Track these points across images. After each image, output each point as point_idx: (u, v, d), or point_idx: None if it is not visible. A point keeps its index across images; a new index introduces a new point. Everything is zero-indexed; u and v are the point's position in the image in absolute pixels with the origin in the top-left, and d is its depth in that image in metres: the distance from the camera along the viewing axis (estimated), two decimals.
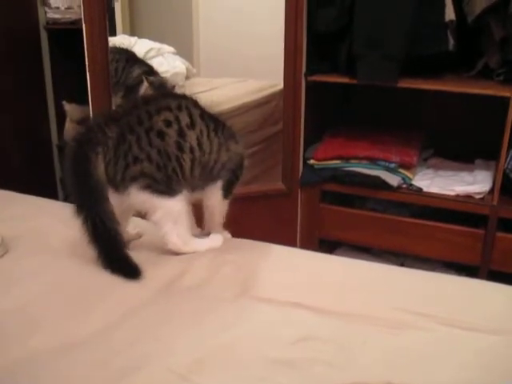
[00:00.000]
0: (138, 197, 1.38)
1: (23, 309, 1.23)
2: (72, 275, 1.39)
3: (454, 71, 2.44)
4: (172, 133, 1.38)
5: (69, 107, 3.20)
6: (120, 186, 1.37)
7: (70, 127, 3.25)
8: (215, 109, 1.56)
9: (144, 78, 2.76)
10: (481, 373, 1.05)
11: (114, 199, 1.38)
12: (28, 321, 1.19)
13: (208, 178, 1.51)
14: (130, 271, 1.36)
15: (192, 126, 1.42)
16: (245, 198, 2.48)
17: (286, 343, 1.12)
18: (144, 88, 2.75)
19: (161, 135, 1.37)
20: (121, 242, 1.38)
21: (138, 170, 1.36)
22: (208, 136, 1.45)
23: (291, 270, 1.46)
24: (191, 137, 1.41)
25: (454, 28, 2.28)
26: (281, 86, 2.46)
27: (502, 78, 2.28)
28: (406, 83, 2.26)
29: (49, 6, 3.04)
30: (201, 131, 1.43)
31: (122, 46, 3.15)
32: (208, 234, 1.61)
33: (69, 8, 3.02)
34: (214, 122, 1.49)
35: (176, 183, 1.40)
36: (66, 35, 2.96)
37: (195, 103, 1.48)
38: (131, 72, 2.79)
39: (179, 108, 1.42)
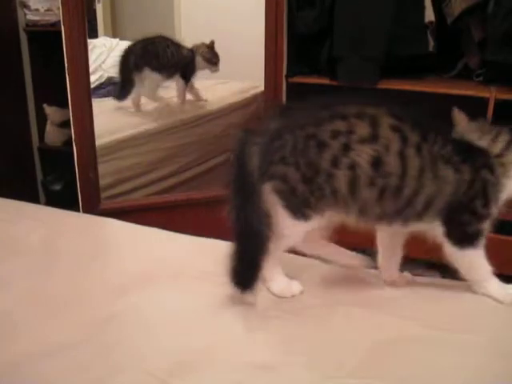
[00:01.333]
0: (269, 196, 1.22)
1: (2, 314, 1.22)
2: (52, 280, 1.38)
3: (433, 72, 2.45)
4: (335, 145, 1.15)
5: (49, 110, 3.18)
6: (259, 179, 1.21)
7: (51, 130, 3.23)
8: (197, 111, 1.51)
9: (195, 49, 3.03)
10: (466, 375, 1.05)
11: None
12: (7, 326, 1.18)
13: (403, 210, 1.22)
14: (244, 283, 1.23)
15: (372, 138, 1.15)
16: (224, 201, 2.48)
17: (264, 346, 1.12)
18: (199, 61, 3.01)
19: (321, 146, 1.16)
20: (258, 248, 1.22)
21: (280, 172, 1.19)
22: (400, 153, 1.15)
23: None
24: (361, 152, 1.14)
25: (434, 29, 2.29)
26: (263, 86, 2.47)
27: (481, 78, 2.29)
28: (386, 84, 2.27)
29: (28, 8, 3.02)
30: (385, 147, 1.14)
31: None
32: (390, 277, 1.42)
33: (48, 10, 3.00)
34: (424, 135, 1.20)
35: (315, 204, 1.19)
36: (45, 37, 2.93)
37: (392, 112, 1.20)
38: (181, 53, 3.03)
39: (359, 116, 1.17)
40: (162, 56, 2.99)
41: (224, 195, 1.25)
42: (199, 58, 3.00)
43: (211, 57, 2.97)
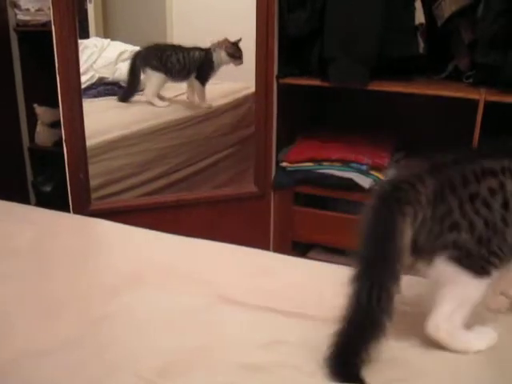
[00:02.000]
0: (442, 268, 1.12)
1: None
2: (43, 280, 1.37)
3: (424, 74, 2.46)
4: (496, 204, 1.11)
5: (40, 110, 3.17)
6: (424, 252, 1.12)
7: (41, 130, 3.21)
8: (188, 112, 1.47)
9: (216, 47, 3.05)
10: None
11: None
12: (0, 326, 1.17)
13: None
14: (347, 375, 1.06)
15: None
16: (218, 201, 2.48)
17: (255, 347, 1.12)
18: (220, 56, 3.03)
19: (486, 204, 1.10)
20: (374, 336, 1.07)
21: (452, 239, 1.10)
22: None
23: (263, 273, 1.46)
24: None
25: (424, 31, 2.30)
26: (254, 88, 2.47)
27: (471, 80, 2.30)
28: (377, 86, 2.28)
29: (19, 7, 3.00)
30: None
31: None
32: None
33: (39, 10, 2.98)
34: None
35: (494, 263, 1.12)
36: (36, 37, 2.92)
37: None
38: (192, 56, 3.06)
39: (503, 172, 1.13)
40: (165, 58, 3.05)
41: (215, 197, 1.24)
42: (223, 53, 3.04)
43: (234, 51, 3.01)
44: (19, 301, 1.27)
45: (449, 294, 1.13)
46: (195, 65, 3.07)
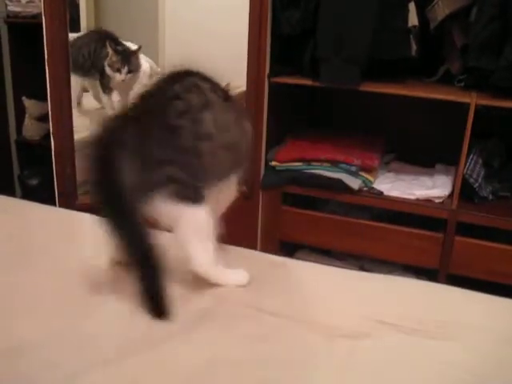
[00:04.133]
0: (164, 207, 1.17)
1: None
2: (25, 274, 1.35)
3: (415, 76, 2.46)
4: (186, 123, 1.16)
5: (28, 103, 3.14)
6: (143, 196, 1.15)
7: (29, 123, 3.19)
8: None
9: (108, 44, 2.60)
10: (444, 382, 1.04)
11: None
12: None
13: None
14: (156, 309, 1.15)
15: (205, 105, 1.19)
16: None
17: (238, 346, 1.11)
18: (109, 56, 2.58)
19: (176, 129, 1.15)
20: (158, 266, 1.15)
21: (165, 175, 1.15)
22: (223, 111, 1.24)
23: (250, 272, 1.44)
24: (207, 119, 1.18)
25: (417, 33, 2.30)
26: (245, 87, 2.45)
27: (462, 84, 2.31)
28: (368, 87, 2.28)
29: None
30: (215, 109, 1.21)
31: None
32: None
33: (30, 1, 2.96)
34: (224, 93, 1.28)
35: (202, 185, 1.19)
36: (27, 29, 2.89)
37: (203, 76, 1.27)
38: (102, 52, 2.66)
39: (188, 90, 1.20)
40: (77, 54, 2.66)
41: None
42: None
43: (113, 63, 2.57)
44: (0, 295, 1.25)
45: (185, 231, 1.19)
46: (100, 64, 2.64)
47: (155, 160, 1.14)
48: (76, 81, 2.71)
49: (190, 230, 1.20)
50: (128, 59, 2.56)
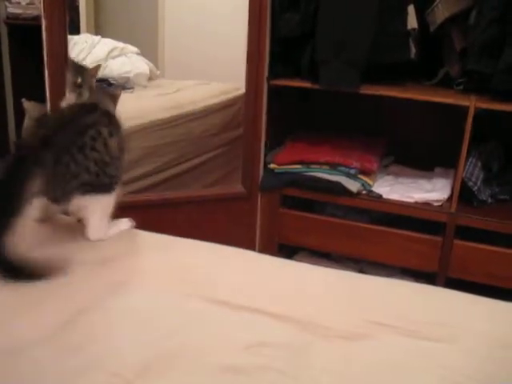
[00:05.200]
0: (81, 200, 1.49)
1: None
2: None
3: (415, 79, 2.46)
4: (99, 146, 1.49)
5: (28, 105, 3.14)
6: (61, 199, 1.47)
7: (28, 125, 3.18)
8: (177, 111, 1.56)
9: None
10: None
11: (52, 207, 1.52)
12: None
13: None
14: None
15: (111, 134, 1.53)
16: (204, 201, 2.47)
17: (237, 348, 1.10)
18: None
19: (93, 148, 1.48)
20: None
21: (80, 182, 1.46)
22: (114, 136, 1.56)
23: (248, 273, 1.45)
24: (112, 143, 1.53)
25: (417, 36, 2.30)
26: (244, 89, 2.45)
27: (461, 87, 2.31)
28: (367, 90, 2.27)
29: (9, 0, 2.98)
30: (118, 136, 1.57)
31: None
32: None
33: (30, 3, 2.97)
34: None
35: (114, 182, 1.55)
36: (26, 31, 2.90)
37: (104, 113, 1.57)
38: None
39: (96, 123, 1.51)
40: None
41: (201, 196, 1.24)
42: None
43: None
44: None
45: (93, 210, 1.53)
46: None
47: (71, 174, 1.44)
48: None
49: (97, 210, 1.54)
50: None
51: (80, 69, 1.78)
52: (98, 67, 1.84)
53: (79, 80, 1.69)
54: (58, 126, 1.49)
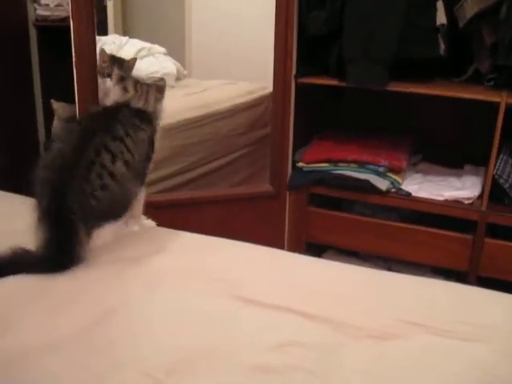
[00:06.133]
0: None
1: (4, 307, 1.21)
2: (46, 276, 1.36)
3: (444, 76, 2.43)
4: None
5: (57, 105, 3.17)
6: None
7: (57, 126, 3.22)
8: (204, 110, 1.58)
9: None
10: None
11: None
12: (3, 321, 1.16)
13: None
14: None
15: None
16: (232, 200, 2.46)
17: (268, 348, 1.10)
18: None
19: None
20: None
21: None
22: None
23: (279, 272, 1.44)
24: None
25: (445, 32, 2.27)
26: (271, 88, 2.45)
27: (492, 83, 2.27)
28: (395, 87, 2.25)
29: (38, 2, 3.02)
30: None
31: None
32: None
33: (58, 5, 2.99)
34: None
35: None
36: (55, 33, 2.93)
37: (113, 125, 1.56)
38: None
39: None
40: None
41: (229, 196, 1.25)
42: None
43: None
44: (24, 296, 1.26)
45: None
46: None
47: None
48: None
49: None
50: None
51: (119, 60, 1.79)
52: (134, 60, 1.84)
53: (121, 72, 1.68)
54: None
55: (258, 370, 1.02)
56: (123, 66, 1.92)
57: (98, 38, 2.36)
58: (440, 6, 2.22)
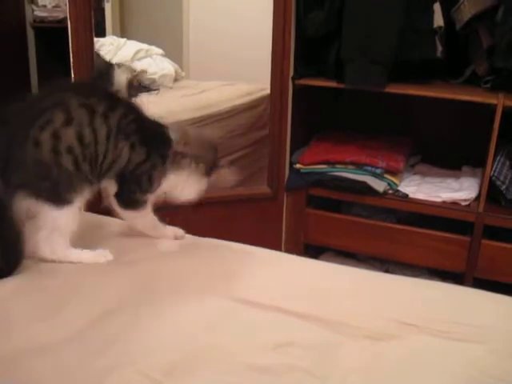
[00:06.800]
0: (25, 204, 1.33)
1: None
2: (46, 274, 1.36)
3: (441, 78, 2.43)
4: (46, 137, 1.30)
5: None
6: (6, 192, 1.30)
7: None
8: (202, 112, 1.54)
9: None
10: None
11: None
12: (2, 322, 1.16)
13: (99, 173, 1.41)
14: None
15: (68, 121, 1.31)
16: (230, 201, 2.46)
17: (265, 348, 1.10)
18: None
19: (36, 144, 1.30)
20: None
21: (21, 179, 1.31)
22: (91, 124, 1.34)
23: (275, 273, 1.44)
24: (68, 135, 1.31)
25: (443, 34, 2.27)
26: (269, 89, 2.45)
27: (489, 85, 2.28)
28: (393, 89, 2.26)
29: (36, 3, 3.02)
30: (80, 123, 1.32)
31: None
32: None
33: (56, 6, 3.00)
34: (111, 106, 1.38)
35: (65, 190, 1.34)
36: (52, 34, 2.93)
37: (79, 90, 1.39)
38: None
39: (55, 105, 1.33)
40: None
41: (227, 197, 1.25)
42: None
43: None
44: (23, 296, 1.26)
45: (41, 225, 1.36)
46: None
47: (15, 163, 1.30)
48: None
49: (45, 224, 1.36)
50: None
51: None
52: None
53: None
54: (21, 107, 1.38)
55: (256, 370, 1.03)
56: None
57: (95, 39, 2.36)
58: (437, 8, 2.22)
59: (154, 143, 1.45)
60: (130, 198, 1.49)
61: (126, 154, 1.40)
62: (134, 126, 1.41)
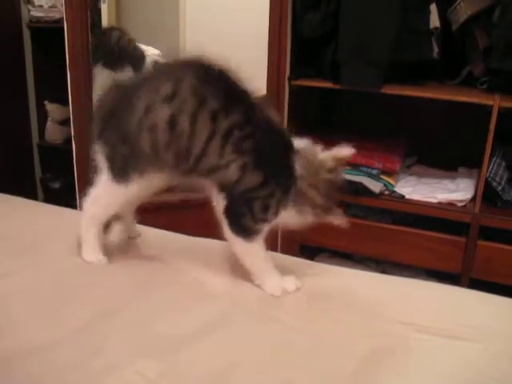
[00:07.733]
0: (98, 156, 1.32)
1: None
2: (45, 275, 1.36)
3: (437, 79, 2.44)
4: (140, 106, 1.20)
5: (50, 107, 3.17)
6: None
7: (51, 127, 3.21)
8: None
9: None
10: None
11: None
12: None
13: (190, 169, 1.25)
14: None
15: (170, 97, 1.18)
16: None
17: (264, 348, 1.10)
18: None
19: (132, 107, 1.21)
20: None
21: (109, 135, 1.28)
22: (192, 115, 1.17)
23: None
24: (159, 111, 1.19)
25: (439, 35, 2.28)
26: (265, 90, 2.45)
27: (485, 86, 2.28)
28: (390, 89, 2.26)
29: (32, 3, 3.01)
30: (179, 108, 1.18)
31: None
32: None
33: (52, 7, 2.99)
34: (226, 104, 1.21)
35: (134, 165, 1.25)
36: (49, 34, 2.92)
37: (199, 74, 1.23)
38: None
39: (167, 77, 1.23)
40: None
41: None
42: None
43: None
44: (21, 296, 1.25)
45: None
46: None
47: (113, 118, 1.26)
48: None
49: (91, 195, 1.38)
50: None
51: None
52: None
53: None
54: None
55: (251, 366, 1.03)
56: None
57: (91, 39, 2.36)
58: (433, 9, 2.23)
59: (275, 170, 1.25)
60: (238, 222, 1.28)
61: (233, 173, 1.21)
62: (249, 144, 1.20)
